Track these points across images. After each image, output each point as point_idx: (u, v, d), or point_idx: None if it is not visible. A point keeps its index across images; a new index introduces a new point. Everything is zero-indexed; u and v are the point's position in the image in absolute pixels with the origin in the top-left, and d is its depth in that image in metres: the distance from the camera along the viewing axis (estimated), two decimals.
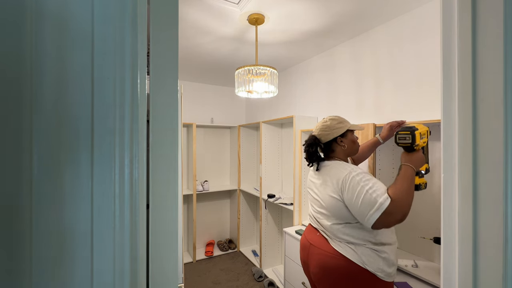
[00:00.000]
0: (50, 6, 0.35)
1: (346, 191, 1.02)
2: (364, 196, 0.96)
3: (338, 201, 1.05)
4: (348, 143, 1.19)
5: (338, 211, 1.06)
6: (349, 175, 1.03)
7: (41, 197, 0.34)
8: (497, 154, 0.50)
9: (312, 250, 1.16)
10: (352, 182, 1.01)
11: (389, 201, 0.92)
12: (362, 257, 1.01)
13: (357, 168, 1.07)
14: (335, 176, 1.09)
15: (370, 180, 1.00)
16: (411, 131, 1.02)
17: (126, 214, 0.37)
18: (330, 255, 1.08)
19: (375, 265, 1.00)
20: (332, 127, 1.18)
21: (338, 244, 1.07)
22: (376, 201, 0.94)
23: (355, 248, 1.02)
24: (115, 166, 0.37)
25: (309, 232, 1.25)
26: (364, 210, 0.96)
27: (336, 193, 1.06)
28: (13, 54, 0.33)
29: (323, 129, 1.20)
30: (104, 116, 0.37)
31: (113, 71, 0.37)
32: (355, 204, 0.99)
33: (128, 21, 0.38)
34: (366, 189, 0.97)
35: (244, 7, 1.54)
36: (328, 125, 1.19)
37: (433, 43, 1.48)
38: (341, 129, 1.18)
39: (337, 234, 1.08)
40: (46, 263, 0.34)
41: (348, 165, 1.10)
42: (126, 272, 0.37)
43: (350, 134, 1.21)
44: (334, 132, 1.17)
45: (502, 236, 0.49)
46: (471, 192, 0.55)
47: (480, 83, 0.54)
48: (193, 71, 2.87)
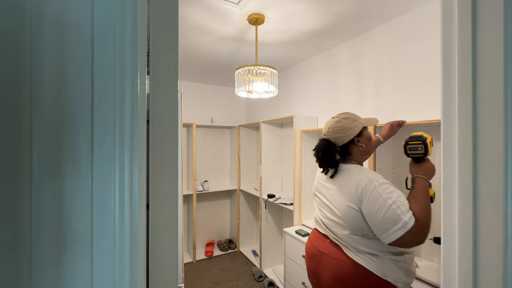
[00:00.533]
0: (50, 6, 0.35)
1: (365, 201, 0.92)
2: (387, 211, 0.87)
3: (355, 211, 0.95)
4: (365, 142, 1.08)
5: (354, 222, 0.96)
6: (371, 184, 0.93)
7: (41, 197, 0.34)
8: (497, 154, 0.50)
9: (325, 259, 1.05)
10: (373, 193, 0.91)
11: (413, 220, 0.84)
12: (383, 268, 0.93)
13: (378, 176, 0.97)
14: (354, 183, 0.97)
15: (393, 193, 0.90)
16: (423, 141, 0.96)
17: (126, 214, 0.37)
18: (347, 265, 0.97)
19: (396, 276, 0.93)
20: (348, 127, 1.05)
21: (356, 254, 0.97)
22: (400, 218, 0.85)
23: (375, 259, 0.94)
24: (115, 166, 0.37)
25: (317, 238, 1.14)
26: (385, 226, 0.87)
27: (354, 202, 0.96)
28: (13, 54, 0.33)
29: (338, 131, 1.06)
30: (104, 116, 0.37)
31: (113, 71, 0.37)
32: (375, 218, 0.90)
33: (128, 21, 0.38)
34: (389, 203, 0.87)
35: (244, 7, 1.54)
36: (343, 126, 1.06)
37: (433, 43, 1.48)
38: (357, 128, 1.06)
39: (353, 244, 0.99)
40: (46, 263, 0.34)
41: (368, 172, 0.99)
42: (126, 272, 0.37)
43: (365, 131, 1.10)
44: (350, 133, 1.05)
45: (502, 236, 0.49)
46: (471, 192, 0.55)
47: (480, 83, 0.54)
48: (193, 71, 2.87)
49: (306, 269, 1.17)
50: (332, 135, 1.07)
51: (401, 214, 0.85)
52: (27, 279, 0.33)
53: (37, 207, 0.34)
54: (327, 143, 1.08)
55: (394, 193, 0.90)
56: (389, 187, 0.92)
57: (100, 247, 0.36)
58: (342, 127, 1.06)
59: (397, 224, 0.85)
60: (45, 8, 0.34)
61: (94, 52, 0.36)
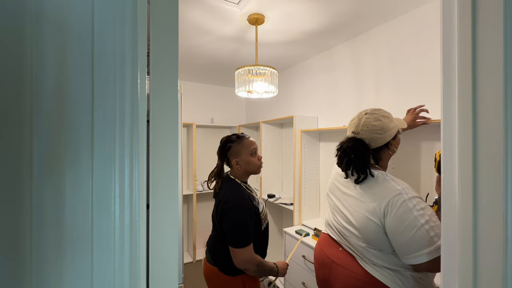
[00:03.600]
0: (50, 7, 0.35)
1: (391, 216, 0.81)
2: (418, 231, 0.76)
3: (376, 225, 0.84)
4: (397, 147, 0.97)
5: (373, 237, 0.86)
6: (399, 198, 0.81)
7: (41, 197, 0.34)
8: (497, 154, 0.50)
9: (337, 270, 0.96)
10: (402, 208, 0.80)
11: None
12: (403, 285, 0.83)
13: (408, 188, 0.85)
14: (379, 194, 0.85)
15: (426, 210, 0.80)
16: None
17: (126, 214, 0.37)
18: (363, 279, 0.88)
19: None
20: (387, 128, 0.91)
21: (372, 267, 0.87)
22: (433, 241, 0.75)
23: (395, 274, 0.84)
24: (115, 166, 0.37)
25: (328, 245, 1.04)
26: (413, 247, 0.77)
27: (376, 215, 0.84)
28: (13, 54, 0.33)
29: (375, 131, 0.91)
30: (104, 116, 0.37)
31: (113, 71, 0.37)
32: (402, 237, 0.79)
33: (128, 21, 0.38)
34: (421, 222, 0.77)
35: (244, 7, 1.54)
36: (382, 126, 0.91)
37: (433, 43, 1.48)
38: (395, 130, 0.93)
39: (370, 257, 0.89)
40: (46, 263, 0.34)
41: (397, 182, 0.86)
42: (126, 272, 0.37)
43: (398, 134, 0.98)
44: (388, 135, 0.91)
45: (502, 236, 0.49)
46: (471, 192, 0.55)
47: (480, 83, 0.54)
48: (193, 71, 2.87)
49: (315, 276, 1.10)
50: (368, 134, 0.91)
51: (434, 237, 0.75)
52: (27, 279, 0.33)
53: (37, 207, 0.34)
54: (361, 144, 0.92)
55: (427, 210, 0.80)
56: (421, 202, 0.81)
57: (100, 247, 0.36)
58: (382, 127, 0.91)
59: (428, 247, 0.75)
60: (45, 8, 0.34)
61: (94, 52, 0.36)
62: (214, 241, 1.22)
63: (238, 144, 1.20)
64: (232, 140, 1.22)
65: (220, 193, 1.20)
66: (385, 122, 0.92)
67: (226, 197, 1.13)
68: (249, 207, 1.11)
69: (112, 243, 0.37)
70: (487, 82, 0.52)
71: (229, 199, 1.11)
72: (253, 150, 1.21)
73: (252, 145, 1.21)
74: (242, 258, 1.06)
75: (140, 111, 0.39)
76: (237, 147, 1.19)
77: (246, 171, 1.22)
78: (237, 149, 1.19)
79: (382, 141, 0.91)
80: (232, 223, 1.07)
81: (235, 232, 1.07)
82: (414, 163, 1.59)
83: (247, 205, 1.10)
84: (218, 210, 1.13)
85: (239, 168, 1.20)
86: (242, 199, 1.12)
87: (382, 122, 0.92)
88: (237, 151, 1.19)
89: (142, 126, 0.39)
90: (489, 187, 0.52)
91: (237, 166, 1.20)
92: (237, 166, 1.20)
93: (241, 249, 1.05)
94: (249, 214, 1.09)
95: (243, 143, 1.20)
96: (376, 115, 0.94)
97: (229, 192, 1.15)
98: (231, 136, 1.24)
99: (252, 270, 1.08)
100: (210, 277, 1.21)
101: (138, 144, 0.38)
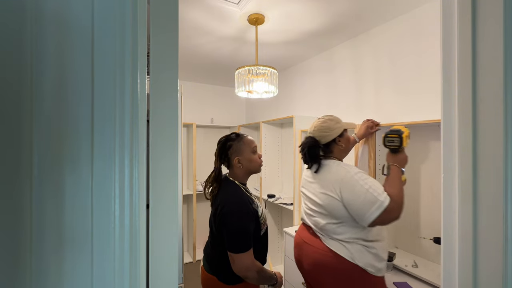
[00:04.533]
0: (50, 7, 0.35)
1: (345, 190, 1.05)
2: (365, 195, 1.00)
3: (336, 200, 1.08)
4: (345, 142, 1.23)
5: (336, 211, 1.08)
6: (348, 175, 1.07)
7: (41, 197, 0.34)
8: (497, 154, 0.50)
9: (306, 248, 1.19)
10: (351, 181, 1.05)
11: (389, 199, 0.98)
12: (352, 253, 1.05)
13: (354, 168, 1.11)
14: (334, 175, 1.12)
15: (368, 179, 1.05)
16: (399, 135, 1.12)
17: (126, 214, 0.37)
18: (322, 252, 1.11)
19: (365, 261, 1.04)
20: (331, 128, 1.20)
21: (331, 242, 1.11)
22: (377, 199, 0.98)
23: (346, 245, 1.06)
24: (115, 166, 0.37)
25: (302, 230, 1.28)
26: (364, 208, 1.00)
27: (335, 192, 1.08)
28: (14, 54, 0.33)
29: (322, 130, 1.21)
30: (104, 116, 0.37)
31: (113, 71, 0.37)
32: (355, 203, 1.02)
33: (128, 21, 0.38)
34: (366, 188, 1.01)
35: (244, 7, 1.54)
36: (327, 126, 1.21)
37: (433, 43, 1.48)
38: (339, 129, 1.21)
39: (330, 233, 1.12)
40: (46, 263, 0.34)
41: (345, 165, 1.14)
42: (126, 272, 0.37)
43: (346, 133, 1.25)
44: (333, 133, 1.20)
45: (502, 236, 0.49)
46: (471, 192, 0.55)
47: (480, 83, 0.54)
48: (193, 71, 2.87)
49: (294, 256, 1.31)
50: (318, 133, 1.21)
51: (377, 196, 0.99)
52: (27, 279, 0.33)
53: (37, 207, 0.34)
54: (313, 140, 1.22)
55: (369, 179, 1.05)
56: (363, 175, 1.06)
57: (100, 247, 0.36)
58: (327, 127, 1.20)
59: (375, 204, 0.98)
60: (45, 8, 0.34)
61: (94, 52, 0.36)
62: (211, 248, 1.18)
63: (239, 142, 1.17)
64: (232, 138, 1.19)
65: (218, 196, 1.15)
66: (330, 123, 1.21)
67: (224, 200, 1.09)
68: (249, 210, 1.07)
69: (112, 243, 0.37)
70: (487, 82, 0.52)
71: (228, 202, 1.07)
72: (254, 147, 1.19)
73: (252, 143, 1.19)
74: (242, 264, 1.01)
75: (140, 111, 0.39)
76: (238, 145, 1.16)
77: (248, 170, 1.18)
78: (238, 147, 1.16)
79: (329, 137, 1.20)
80: (232, 227, 1.03)
81: (234, 236, 1.02)
82: (414, 163, 1.59)
83: (247, 209, 1.06)
84: (217, 214, 1.08)
85: (241, 166, 1.16)
86: (241, 202, 1.08)
87: (328, 123, 1.21)
88: (238, 149, 1.16)
89: (142, 126, 0.39)
90: (489, 187, 0.52)
91: (239, 164, 1.15)
92: (239, 164, 1.15)
93: (241, 255, 1.01)
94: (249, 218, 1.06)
95: (244, 141, 1.18)
96: (324, 119, 1.23)
97: (228, 195, 1.11)
98: (230, 135, 1.21)
99: (253, 277, 1.03)
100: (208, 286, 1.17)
101: (138, 144, 0.38)
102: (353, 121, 1.96)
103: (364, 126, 1.49)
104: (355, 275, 1.04)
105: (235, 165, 1.16)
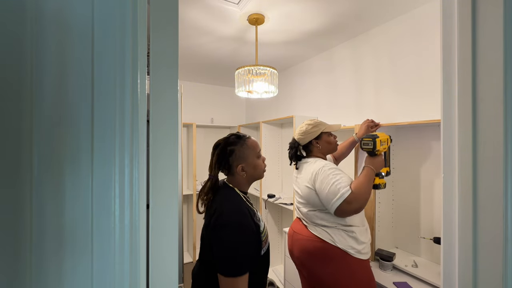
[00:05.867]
0: (50, 7, 0.35)
1: (317, 181, 1.20)
2: (331, 186, 1.14)
3: (311, 190, 1.23)
4: (322, 144, 1.35)
5: (311, 199, 1.24)
6: (322, 168, 1.21)
7: (41, 197, 0.34)
8: (497, 154, 0.50)
9: (296, 237, 1.32)
10: (323, 174, 1.19)
11: (349, 192, 1.10)
12: (333, 237, 1.18)
13: (330, 164, 1.24)
14: (311, 169, 1.26)
15: (338, 174, 1.17)
16: (373, 138, 1.21)
17: (126, 214, 0.37)
18: (308, 238, 1.25)
19: (345, 243, 1.16)
20: (307, 132, 1.34)
21: (314, 228, 1.25)
22: (339, 191, 1.12)
23: (327, 230, 1.20)
24: (115, 166, 0.37)
25: (294, 222, 1.43)
26: (329, 198, 1.14)
27: (310, 183, 1.23)
28: (14, 54, 0.33)
29: (300, 133, 1.36)
30: (104, 116, 0.37)
31: (113, 71, 0.37)
32: (323, 192, 1.16)
33: (128, 21, 0.38)
34: (333, 181, 1.15)
35: (244, 7, 1.54)
36: (304, 130, 1.35)
37: (433, 43, 1.48)
38: (315, 133, 1.34)
39: (312, 220, 1.26)
40: (46, 263, 0.34)
41: (322, 161, 1.27)
42: (126, 272, 0.37)
43: (326, 136, 1.36)
44: (308, 136, 1.34)
45: (502, 236, 0.49)
46: (471, 192, 0.55)
47: (480, 83, 0.54)
48: (193, 71, 2.87)
49: None
50: (297, 136, 1.38)
51: (340, 188, 1.12)
52: (27, 279, 0.33)
53: (37, 207, 0.34)
54: (294, 142, 1.40)
55: (339, 174, 1.18)
56: (336, 170, 1.20)
57: (100, 247, 0.36)
58: (304, 131, 1.35)
59: (336, 195, 1.11)
60: (45, 8, 0.34)
61: (94, 52, 0.36)
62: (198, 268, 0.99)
63: (242, 146, 1.00)
64: (233, 142, 1.01)
65: (212, 205, 0.97)
66: (307, 128, 1.35)
67: (220, 209, 0.90)
68: (249, 224, 0.89)
69: (112, 243, 0.37)
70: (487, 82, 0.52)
71: (225, 213, 0.89)
72: (259, 151, 1.04)
73: (257, 146, 1.04)
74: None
75: (140, 111, 0.39)
76: (242, 149, 0.99)
77: (252, 177, 1.02)
78: (241, 152, 0.99)
79: (306, 140, 1.35)
80: (226, 243, 0.84)
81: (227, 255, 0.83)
82: (414, 163, 1.59)
83: (247, 222, 0.89)
84: (209, 226, 0.90)
85: (245, 174, 1.00)
86: (241, 212, 0.90)
87: (305, 128, 1.35)
88: (242, 154, 0.99)
89: (142, 126, 0.39)
90: (489, 187, 0.52)
91: (242, 172, 0.99)
92: (242, 172, 0.99)
93: (233, 279, 0.82)
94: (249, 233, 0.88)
95: (248, 144, 1.01)
96: (304, 123, 1.38)
97: (224, 204, 0.93)
98: (228, 138, 1.02)
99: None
100: None
101: (138, 144, 0.38)
102: (353, 121, 1.96)
103: (364, 125, 1.54)
104: (337, 257, 1.16)
105: (238, 173, 0.99)
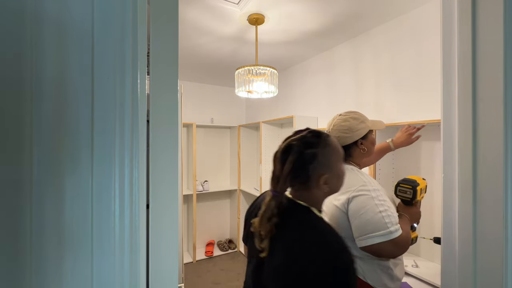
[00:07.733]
0: (50, 7, 0.35)
1: (354, 202, 0.88)
2: (375, 216, 0.84)
3: (341, 212, 0.91)
4: (368, 146, 1.03)
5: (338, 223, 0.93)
6: (363, 188, 0.89)
7: (41, 197, 0.34)
8: (497, 154, 0.50)
9: None
10: (364, 196, 0.87)
11: (400, 232, 0.84)
12: (364, 271, 0.91)
13: (373, 182, 0.94)
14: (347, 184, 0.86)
15: (386, 202, 0.88)
16: (413, 186, 0.97)
17: (126, 214, 0.37)
18: None
19: (377, 280, 0.90)
20: (354, 129, 0.99)
21: None
22: (386, 227, 0.83)
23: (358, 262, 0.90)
24: (115, 166, 0.37)
25: None
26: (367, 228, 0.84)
27: (342, 203, 0.91)
28: (14, 54, 0.33)
29: (343, 131, 0.99)
30: (104, 116, 0.37)
31: (113, 71, 0.37)
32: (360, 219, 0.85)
33: (128, 21, 0.38)
34: (379, 210, 0.85)
35: (244, 7, 1.54)
36: (349, 126, 0.99)
37: (433, 43, 1.48)
38: (364, 130, 1.00)
39: None
40: (46, 263, 0.34)
41: (364, 175, 0.95)
42: (126, 272, 0.37)
43: (370, 135, 1.04)
44: (355, 135, 0.99)
45: (502, 236, 0.49)
46: (471, 192, 0.55)
47: (480, 83, 0.54)
48: (193, 71, 2.87)
49: None
50: (336, 133, 1.01)
51: (388, 224, 0.83)
52: (27, 279, 0.33)
53: (37, 207, 0.34)
54: None
55: (387, 202, 0.88)
56: (382, 194, 0.90)
57: (100, 247, 0.36)
58: (349, 127, 0.99)
59: (380, 231, 0.83)
60: (45, 9, 0.34)
61: (94, 52, 0.36)
62: None
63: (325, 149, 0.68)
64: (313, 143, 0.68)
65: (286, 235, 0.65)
66: (353, 123, 1.00)
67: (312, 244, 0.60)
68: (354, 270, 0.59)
69: (112, 243, 0.37)
70: (487, 82, 0.52)
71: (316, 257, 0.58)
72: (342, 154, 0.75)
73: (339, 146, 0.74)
74: None
75: (140, 111, 0.39)
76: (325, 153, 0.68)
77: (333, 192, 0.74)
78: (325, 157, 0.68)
79: (349, 139, 0.99)
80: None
81: None
82: (414, 163, 1.59)
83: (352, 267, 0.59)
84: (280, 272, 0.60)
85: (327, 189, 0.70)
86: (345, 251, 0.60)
87: (350, 123, 1.00)
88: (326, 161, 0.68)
89: (142, 126, 0.39)
90: (489, 187, 0.52)
91: (324, 186, 0.68)
92: (324, 186, 0.68)
93: None
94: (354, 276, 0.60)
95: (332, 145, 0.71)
96: (346, 117, 1.02)
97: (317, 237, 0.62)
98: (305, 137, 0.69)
99: None
100: None
101: (138, 144, 0.38)
102: None
103: (406, 134, 1.28)
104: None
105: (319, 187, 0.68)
